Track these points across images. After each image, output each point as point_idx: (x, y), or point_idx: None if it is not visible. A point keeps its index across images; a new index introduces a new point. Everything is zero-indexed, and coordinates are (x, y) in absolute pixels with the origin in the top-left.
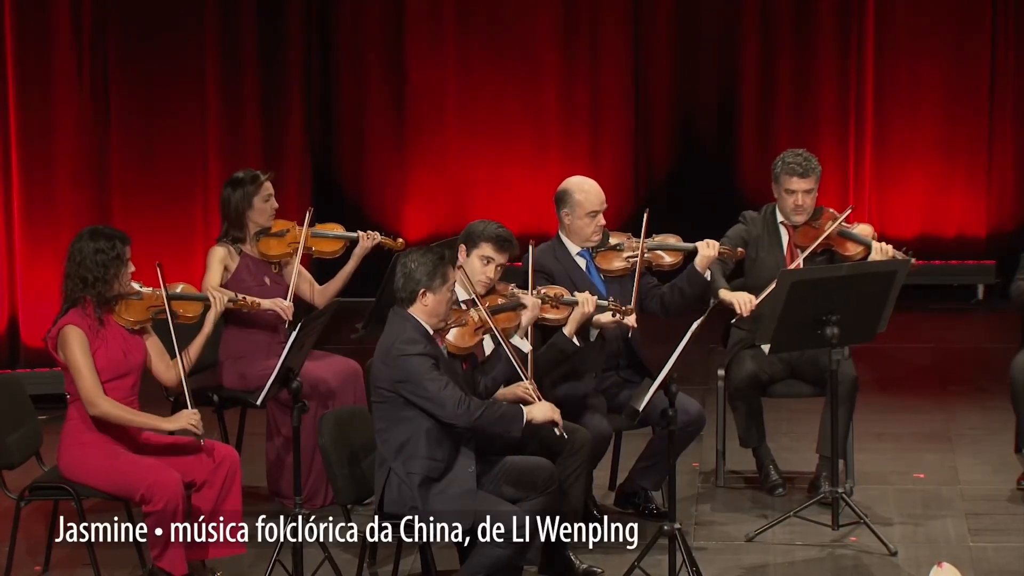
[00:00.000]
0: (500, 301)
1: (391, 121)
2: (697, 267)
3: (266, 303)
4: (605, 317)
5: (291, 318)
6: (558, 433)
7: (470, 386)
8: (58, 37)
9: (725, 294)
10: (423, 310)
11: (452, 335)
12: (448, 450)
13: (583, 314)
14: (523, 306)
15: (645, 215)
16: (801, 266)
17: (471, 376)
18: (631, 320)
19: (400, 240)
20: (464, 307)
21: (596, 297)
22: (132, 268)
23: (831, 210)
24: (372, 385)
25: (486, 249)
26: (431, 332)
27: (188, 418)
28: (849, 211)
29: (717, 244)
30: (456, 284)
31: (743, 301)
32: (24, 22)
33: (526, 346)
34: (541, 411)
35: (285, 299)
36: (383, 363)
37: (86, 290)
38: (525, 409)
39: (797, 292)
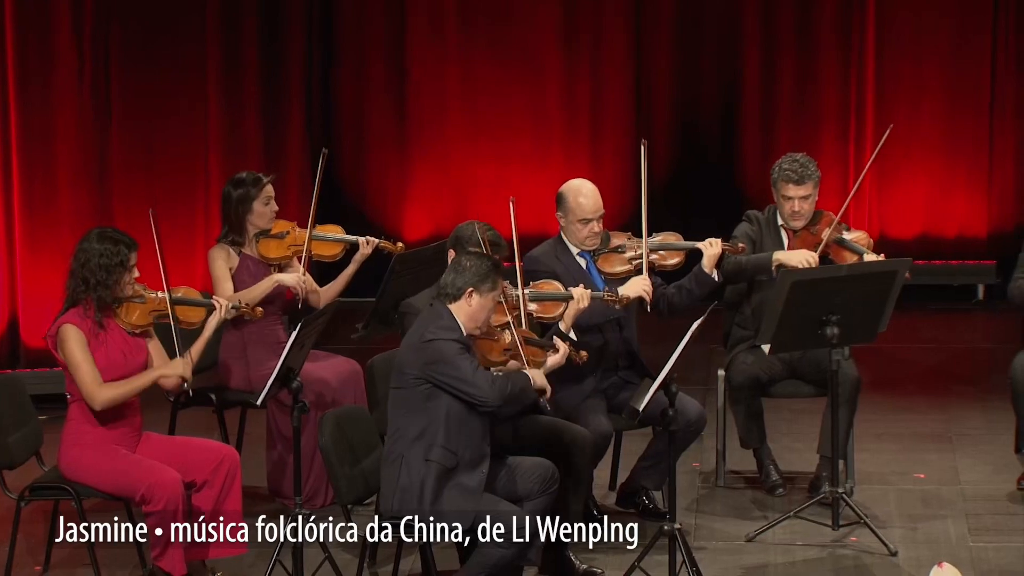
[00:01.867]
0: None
1: (392, 121)
2: (704, 268)
3: (288, 279)
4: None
5: (304, 295)
6: (541, 403)
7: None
8: (59, 38)
9: (782, 255)
10: (465, 311)
11: (482, 346)
12: (464, 446)
13: (578, 309)
14: (555, 349)
15: (643, 151)
16: None
17: None
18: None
19: (400, 244)
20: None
21: (591, 291)
22: (136, 274)
23: (829, 214)
24: (395, 373)
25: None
26: (464, 333)
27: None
28: (844, 210)
29: (720, 242)
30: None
31: (804, 260)
32: (25, 23)
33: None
34: (540, 378)
35: (291, 298)
36: (413, 348)
37: (87, 292)
38: (529, 373)
39: (797, 292)
